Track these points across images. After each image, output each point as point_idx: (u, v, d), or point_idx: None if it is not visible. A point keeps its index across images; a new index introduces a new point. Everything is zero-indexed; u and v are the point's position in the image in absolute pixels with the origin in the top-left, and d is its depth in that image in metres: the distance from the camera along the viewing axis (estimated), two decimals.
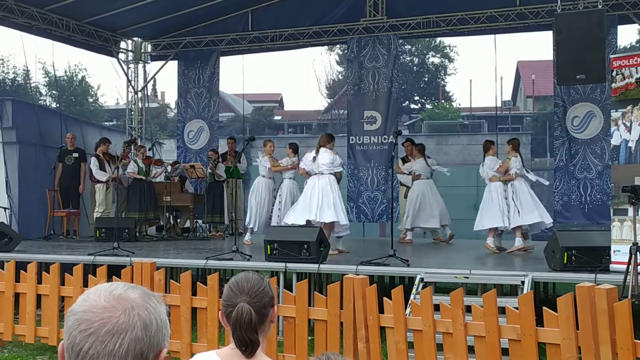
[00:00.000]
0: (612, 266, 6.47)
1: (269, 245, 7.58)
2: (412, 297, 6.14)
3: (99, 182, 11.61)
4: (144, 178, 11.47)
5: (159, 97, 39.65)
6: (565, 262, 6.69)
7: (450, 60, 38.09)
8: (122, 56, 14.01)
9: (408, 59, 36.47)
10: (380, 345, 5.28)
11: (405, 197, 11.32)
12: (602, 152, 10.75)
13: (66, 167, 11.74)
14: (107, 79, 77.75)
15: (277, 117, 37.68)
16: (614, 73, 6.69)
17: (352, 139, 12.32)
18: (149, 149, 12.32)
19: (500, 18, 11.39)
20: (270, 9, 12.92)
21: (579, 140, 11.01)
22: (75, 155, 11.82)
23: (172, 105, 35.09)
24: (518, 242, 9.04)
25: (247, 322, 2.01)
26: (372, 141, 12.14)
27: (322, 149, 8.94)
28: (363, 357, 5.26)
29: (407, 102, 36.59)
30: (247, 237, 10.51)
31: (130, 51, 14.11)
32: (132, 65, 14.17)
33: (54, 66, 30.28)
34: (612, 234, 6.61)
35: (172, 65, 14.13)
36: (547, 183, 10.43)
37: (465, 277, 6.76)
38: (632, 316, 4.29)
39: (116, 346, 1.20)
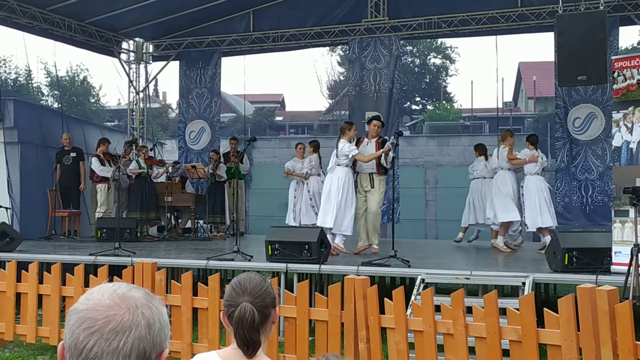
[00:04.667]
0: (613, 267, 6.46)
1: (270, 246, 7.57)
2: (413, 297, 6.14)
3: (101, 181, 11.61)
4: (145, 170, 11.46)
5: (161, 98, 39.63)
6: (566, 263, 6.68)
7: (452, 61, 38.06)
8: (123, 56, 14.02)
9: (409, 59, 36.43)
10: (381, 346, 5.28)
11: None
12: (604, 153, 10.75)
13: (64, 168, 11.73)
14: (109, 79, 77.79)
15: (278, 118, 37.63)
16: (616, 74, 6.68)
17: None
18: (151, 149, 12.33)
19: (502, 19, 11.39)
20: (271, 10, 12.93)
21: (580, 142, 11.01)
22: (73, 155, 11.81)
23: (174, 106, 35.09)
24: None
25: (250, 322, 2.01)
26: None
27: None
28: (364, 358, 5.26)
29: (408, 103, 36.54)
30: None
31: (132, 51, 14.13)
32: (133, 66, 14.19)
33: (55, 66, 30.38)
34: (613, 235, 6.60)
35: (174, 66, 14.17)
36: None
37: (466, 278, 6.75)
38: (633, 317, 4.29)
39: (120, 344, 1.20)
